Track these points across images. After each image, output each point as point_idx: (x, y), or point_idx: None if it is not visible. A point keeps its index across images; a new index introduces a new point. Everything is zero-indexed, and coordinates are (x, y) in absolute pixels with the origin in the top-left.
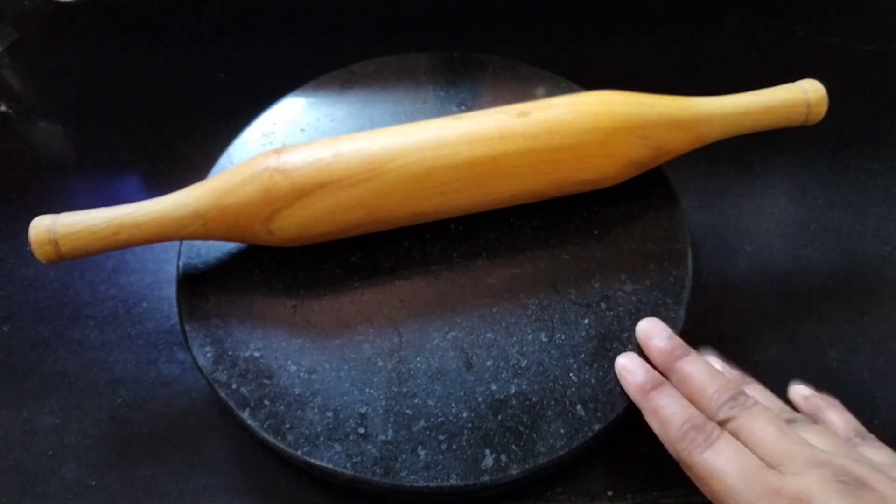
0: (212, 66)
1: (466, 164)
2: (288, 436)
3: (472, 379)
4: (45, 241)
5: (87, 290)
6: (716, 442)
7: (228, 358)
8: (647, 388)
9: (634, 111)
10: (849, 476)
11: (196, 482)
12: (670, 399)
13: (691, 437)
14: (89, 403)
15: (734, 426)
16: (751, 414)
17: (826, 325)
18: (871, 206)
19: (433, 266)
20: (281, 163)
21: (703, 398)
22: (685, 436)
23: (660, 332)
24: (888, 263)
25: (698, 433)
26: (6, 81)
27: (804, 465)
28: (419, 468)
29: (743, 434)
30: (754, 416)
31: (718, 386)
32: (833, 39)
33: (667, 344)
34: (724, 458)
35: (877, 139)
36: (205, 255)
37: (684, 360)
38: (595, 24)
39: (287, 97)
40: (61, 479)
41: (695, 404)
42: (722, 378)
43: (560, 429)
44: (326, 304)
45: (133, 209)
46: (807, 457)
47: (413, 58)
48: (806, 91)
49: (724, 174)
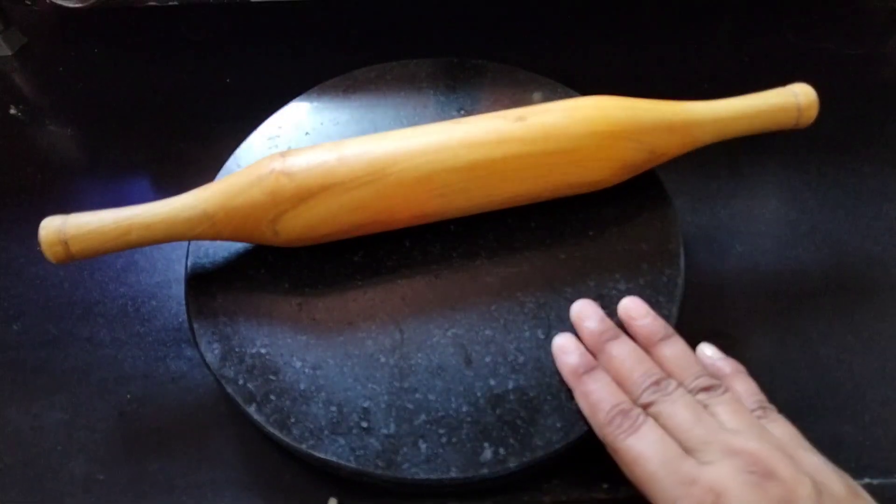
0: (219, 72)
1: (466, 168)
2: (293, 430)
3: (471, 374)
4: (55, 241)
5: (97, 289)
6: (640, 427)
7: (235, 354)
8: (579, 371)
9: (629, 116)
10: (758, 466)
11: (203, 476)
12: (601, 384)
13: (618, 422)
14: (98, 399)
15: (655, 411)
16: (670, 400)
17: (816, 324)
18: (861, 207)
19: (434, 265)
20: (286, 166)
21: (628, 381)
22: (612, 420)
23: (592, 314)
24: (877, 263)
25: (624, 418)
26: (16, 85)
27: (719, 454)
28: (420, 461)
29: (662, 419)
30: (673, 402)
31: (644, 370)
32: (824, 44)
33: (598, 326)
34: (646, 444)
35: (867, 142)
36: (212, 255)
37: (613, 342)
38: (591, 31)
39: (292, 102)
40: (70, 473)
41: (621, 386)
42: (647, 363)
43: (556, 423)
44: (331, 302)
45: (142, 210)
46: (721, 445)
47: (414, 64)
48: (797, 95)
49: (716, 177)
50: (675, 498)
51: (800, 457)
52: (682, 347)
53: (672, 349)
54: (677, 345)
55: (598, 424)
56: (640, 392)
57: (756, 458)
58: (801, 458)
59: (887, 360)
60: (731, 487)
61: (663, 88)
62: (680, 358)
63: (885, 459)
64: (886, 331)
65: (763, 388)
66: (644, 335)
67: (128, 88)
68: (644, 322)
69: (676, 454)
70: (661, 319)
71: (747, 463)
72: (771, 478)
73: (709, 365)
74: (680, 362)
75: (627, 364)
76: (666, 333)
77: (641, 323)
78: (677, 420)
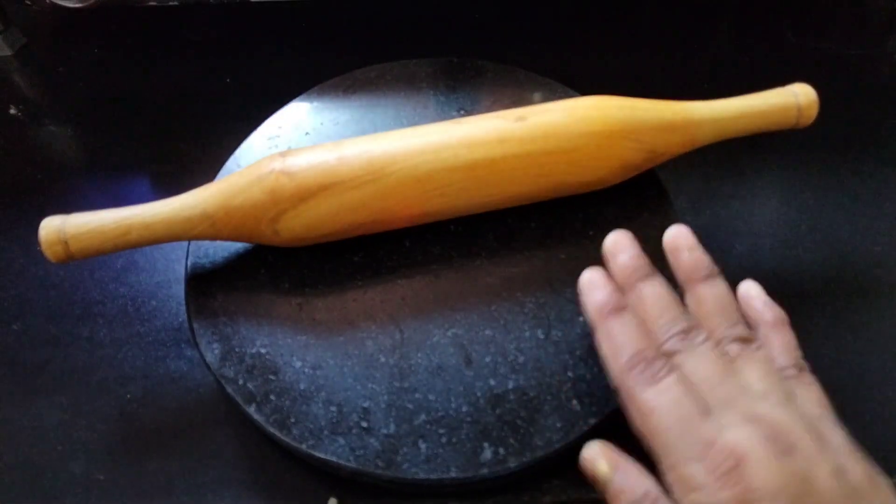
0: (219, 72)
1: (466, 167)
2: (293, 430)
3: (471, 374)
4: (55, 241)
5: (97, 289)
6: (662, 380)
7: (235, 354)
8: (605, 310)
9: (628, 115)
10: (780, 436)
11: (203, 476)
12: (627, 326)
13: (639, 369)
14: (98, 399)
15: (678, 361)
16: (697, 353)
17: (817, 324)
18: (861, 206)
19: (434, 265)
20: (286, 165)
21: (654, 324)
22: (633, 367)
23: (628, 248)
24: (878, 263)
25: (647, 367)
26: (16, 85)
27: (740, 418)
28: (420, 461)
29: (685, 371)
30: (699, 356)
31: (672, 316)
32: (823, 44)
33: (632, 261)
34: (665, 400)
35: (867, 142)
36: (212, 255)
37: (646, 281)
38: (590, 31)
39: (292, 102)
40: (70, 473)
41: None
42: (678, 308)
43: (556, 423)
44: (331, 302)
45: (142, 210)
46: (744, 409)
47: (414, 64)
48: (797, 95)
49: (716, 176)
50: (690, 458)
51: (825, 432)
52: (724, 290)
53: (713, 290)
54: (720, 286)
55: (616, 369)
56: (666, 338)
57: (779, 428)
58: (826, 434)
59: (887, 360)
60: (752, 454)
61: (663, 88)
62: (720, 301)
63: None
64: (887, 331)
65: None
66: (688, 269)
67: (128, 88)
68: (691, 256)
69: (696, 412)
70: (708, 256)
71: (769, 432)
72: (792, 452)
73: (750, 308)
74: (718, 306)
75: (658, 306)
76: (711, 271)
77: (688, 256)
78: (700, 376)
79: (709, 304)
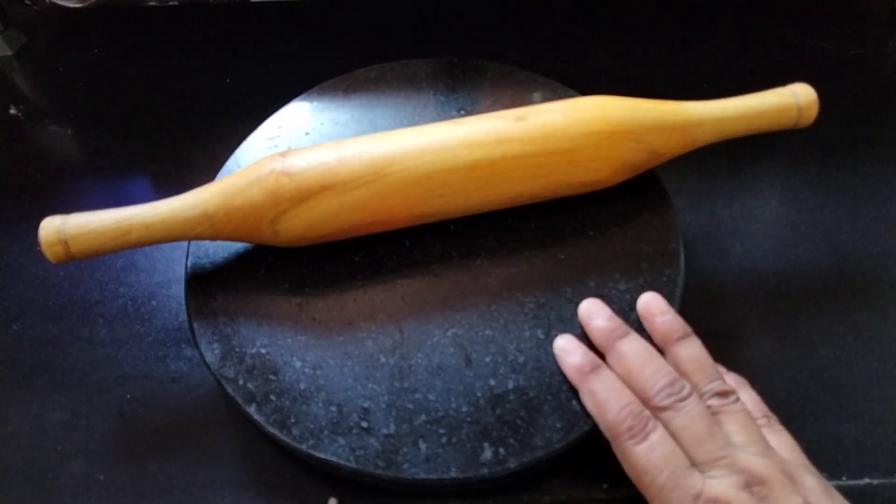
0: (219, 72)
1: (466, 168)
2: (293, 430)
3: (471, 374)
4: (55, 241)
5: (97, 289)
6: (650, 435)
7: (235, 354)
8: (584, 370)
9: (629, 116)
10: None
11: (203, 476)
12: (607, 382)
13: (628, 424)
14: (98, 399)
15: (667, 417)
16: (685, 410)
17: (816, 324)
18: (861, 207)
19: (434, 265)
20: (286, 166)
21: (639, 378)
22: (622, 422)
23: (601, 312)
24: (877, 263)
25: (635, 422)
26: (16, 85)
27: (725, 469)
28: (420, 461)
29: (674, 427)
30: (688, 413)
31: (655, 367)
32: (823, 44)
33: (607, 323)
34: (657, 456)
35: (866, 142)
36: (212, 255)
37: (624, 339)
38: (591, 31)
39: (292, 102)
40: (70, 473)
41: (630, 385)
42: (659, 360)
43: (556, 423)
44: (331, 302)
45: (142, 210)
46: (728, 462)
47: (414, 64)
48: (796, 95)
49: (716, 176)
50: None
51: (798, 477)
52: (699, 348)
53: (689, 349)
54: (694, 345)
55: (606, 426)
56: (653, 392)
57: (757, 478)
58: (799, 478)
59: (887, 360)
60: (734, 501)
61: (663, 88)
62: (696, 359)
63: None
64: (887, 331)
65: (763, 388)
66: (662, 332)
67: (128, 88)
68: (664, 319)
69: (684, 466)
70: (680, 318)
71: (749, 481)
72: (766, 499)
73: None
74: (696, 364)
75: (638, 361)
76: (685, 332)
77: (661, 320)
78: (690, 433)
79: (686, 364)
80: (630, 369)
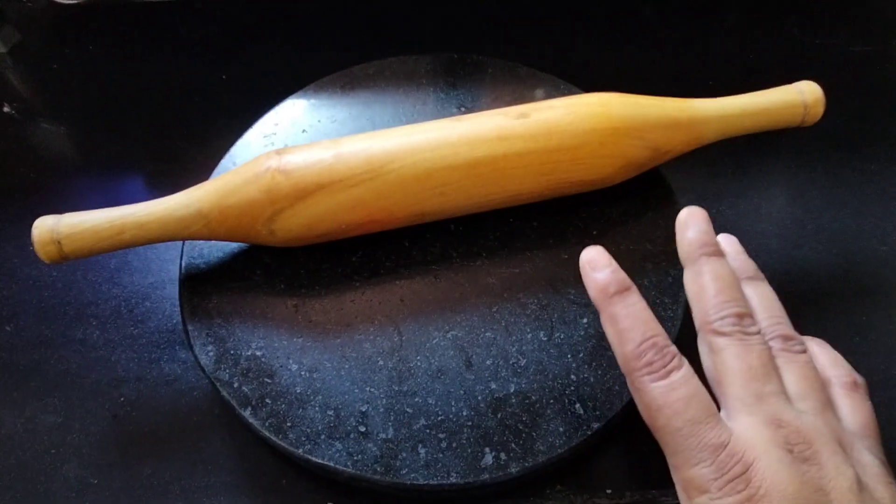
0: (214, 68)
1: (466, 165)
2: (289, 434)
3: (471, 378)
4: (48, 241)
5: (90, 290)
6: (673, 372)
7: (230, 357)
8: (609, 290)
9: (632, 112)
10: (799, 444)
11: (198, 480)
12: (634, 308)
13: (648, 358)
14: (91, 402)
15: (722, 343)
16: (746, 342)
17: (823, 325)
18: (868, 206)
19: (433, 266)
20: (283, 163)
21: (710, 299)
22: (641, 355)
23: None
24: (885, 263)
25: (657, 356)
26: (9, 83)
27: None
28: (419, 466)
29: (726, 356)
30: (748, 346)
31: (731, 296)
32: (830, 41)
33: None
34: (677, 396)
35: (873, 140)
36: (207, 255)
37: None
38: (593, 27)
39: (289, 99)
40: (63, 477)
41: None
42: (739, 291)
43: (559, 427)
44: (328, 303)
45: (136, 209)
46: (771, 410)
47: (413, 60)
48: (803, 92)
49: (721, 175)
50: (697, 461)
51: (856, 449)
52: (769, 291)
53: (759, 289)
54: (765, 287)
55: (623, 357)
56: (719, 316)
57: (801, 436)
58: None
59: (894, 362)
60: (761, 460)
61: (667, 85)
62: (766, 299)
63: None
64: (894, 332)
65: None
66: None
67: (122, 86)
68: (734, 259)
69: (708, 414)
70: (752, 262)
71: (789, 438)
72: (810, 461)
73: None
74: (764, 303)
75: (719, 283)
76: (756, 274)
77: (730, 258)
78: (742, 366)
79: (753, 301)
80: (705, 287)
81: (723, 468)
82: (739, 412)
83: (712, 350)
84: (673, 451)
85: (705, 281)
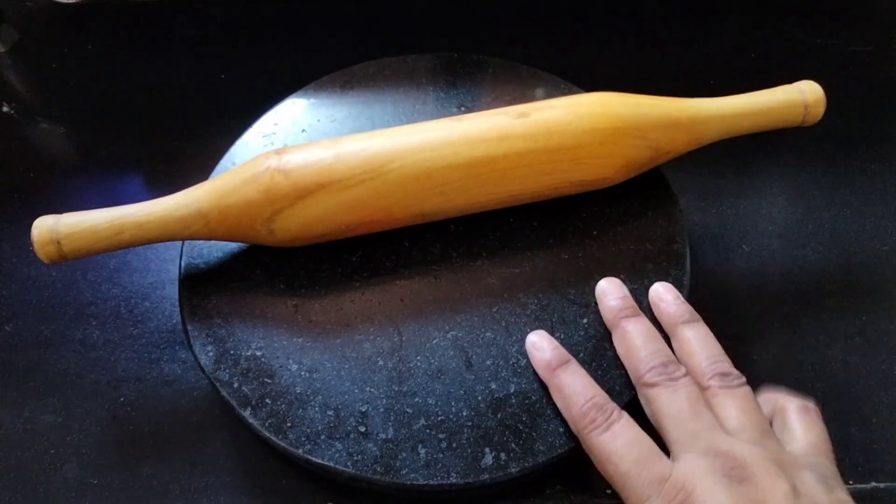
0: (214, 68)
1: (466, 165)
2: (289, 434)
3: (471, 378)
4: (47, 241)
5: (90, 290)
6: (614, 424)
7: (230, 357)
8: (552, 365)
9: (633, 112)
10: (736, 469)
11: (198, 481)
12: (575, 377)
13: (591, 416)
14: (91, 402)
15: (653, 394)
16: (673, 387)
17: (824, 325)
18: (869, 206)
19: (433, 266)
20: (282, 163)
21: (636, 357)
22: (586, 414)
23: (615, 291)
24: (885, 263)
25: (598, 413)
26: (8, 82)
27: (700, 451)
28: (419, 466)
29: (658, 404)
30: (675, 390)
31: (654, 349)
32: (831, 41)
33: (618, 303)
34: (620, 443)
35: (874, 140)
36: (207, 255)
37: (631, 319)
38: (594, 26)
39: (288, 98)
40: (63, 477)
41: (626, 363)
42: (659, 343)
43: (559, 427)
44: (327, 303)
45: (135, 209)
46: (707, 443)
47: (413, 59)
48: (803, 92)
49: (722, 175)
50: (646, 496)
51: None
52: (705, 332)
53: (695, 332)
54: (701, 329)
55: (571, 418)
56: (645, 370)
57: (736, 461)
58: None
59: (894, 362)
60: (701, 485)
61: (668, 85)
62: (702, 340)
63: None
64: (894, 332)
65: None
66: (669, 314)
67: (121, 85)
68: (671, 305)
69: (650, 453)
70: (689, 306)
71: (725, 464)
72: (746, 481)
73: None
74: (700, 344)
75: (639, 340)
76: (692, 317)
77: (668, 305)
78: (673, 409)
79: (692, 344)
80: (629, 348)
81: (668, 498)
82: (680, 451)
83: (648, 401)
84: (627, 494)
85: (629, 340)
